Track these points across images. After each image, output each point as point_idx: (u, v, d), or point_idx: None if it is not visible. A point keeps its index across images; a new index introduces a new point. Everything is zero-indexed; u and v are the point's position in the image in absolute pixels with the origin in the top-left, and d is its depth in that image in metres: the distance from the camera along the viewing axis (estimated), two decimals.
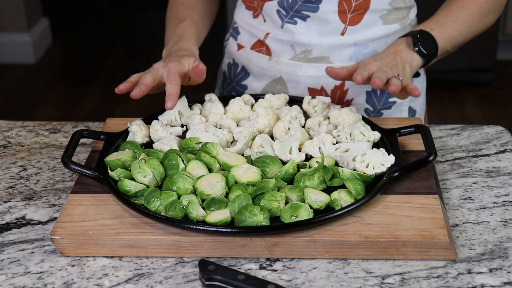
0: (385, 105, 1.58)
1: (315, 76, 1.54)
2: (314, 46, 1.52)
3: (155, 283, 1.06)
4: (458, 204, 1.22)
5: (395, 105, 1.58)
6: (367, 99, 1.56)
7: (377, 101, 1.57)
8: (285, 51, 1.55)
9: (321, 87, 1.55)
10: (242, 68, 1.63)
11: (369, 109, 1.58)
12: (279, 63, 1.56)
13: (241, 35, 1.62)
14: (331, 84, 1.54)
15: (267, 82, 1.59)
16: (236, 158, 1.25)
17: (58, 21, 4.74)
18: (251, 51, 1.60)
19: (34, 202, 1.26)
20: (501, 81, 3.97)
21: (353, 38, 1.51)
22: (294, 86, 1.56)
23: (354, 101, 1.56)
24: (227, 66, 1.67)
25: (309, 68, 1.54)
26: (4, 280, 1.08)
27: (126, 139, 1.35)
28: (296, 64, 1.55)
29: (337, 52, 1.52)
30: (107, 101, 3.91)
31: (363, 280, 1.05)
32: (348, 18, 1.48)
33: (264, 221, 1.10)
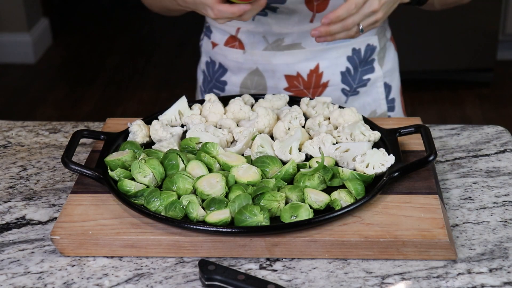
0: (360, 83, 1.61)
1: (290, 63, 1.58)
2: (285, 34, 1.56)
3: (155, 283, 1.06)
4: (458, 204, 1.22)
5: (370, 82, 1.62)
6: (342, 79, 1.60)
7: (352, 80, 1.60)
8: (258, 43, 1.58)
9: (297, 73, 1.58)
10: (220, 65, 1.65)
11: (346, 89, 1.61)
12: (254, 55, 1.59)
13: (214, 33, 1.65)
14: (307, 69, 1.58)
15: (244, 75, 1.62)
16: (236, 158, 1.25)
17: (58, 21, 4.74)
18: (225, 48, 1.62)
19: (34, 202, 1.26)
20: (501, 81, 3.97)
21: None
22: (270, 75, 1.59)
23: (330, 83, 1.59)
24: (205, 64, 1.70)
25: (283, 56, 1.57)
26: (4, 280, 1.08)
27: (126, 139, 1.35)
28: (270, 54, 1.58)
29: (308, 37, 1.56)
30: (107, 101, 3.91)
31: (363, 280, 1.06)
32: (314, 6, 1.51)
33: (264, 221, 1.10)
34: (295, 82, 1.59)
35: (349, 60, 1.59)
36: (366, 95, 1.63)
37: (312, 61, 1.58)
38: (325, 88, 1.60)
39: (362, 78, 1.61)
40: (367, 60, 1.61)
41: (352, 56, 1.59)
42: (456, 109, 3.74)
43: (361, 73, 1.61)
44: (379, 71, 1.63)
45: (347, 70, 1.60)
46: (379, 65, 1.63)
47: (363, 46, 1.60)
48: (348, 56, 1.59)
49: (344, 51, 1.58)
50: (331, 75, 1.59)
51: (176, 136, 1.33)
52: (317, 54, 1.57)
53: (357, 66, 1.60)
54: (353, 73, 1.60)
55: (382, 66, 1.64)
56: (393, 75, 1.68)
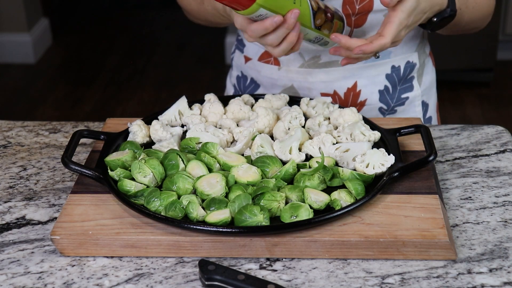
0: (398, 102, 1.58)
1: (327, 81, 1.54)
2: (322, 52, 1.52)
3: (155, 283, 1.06)
4: (458, 204, 1.22)
5: (408, 101, 1.59)
6: (380, 97, 1.56)
7: (390, 99, 1.57)
8: (294, 60, 1.55)
9: (333, 91, 1.55)
10: (251, 80, 1.63)
11: (383, 108, 1.57)
12: (289, 72, 1.56)
13: (247, 47, 1.62)
14: (344, 87, 1.54)
15: (278, 91, 1.58)
16: (236, 158, 1.25)
17: (58, 21, 4.74)
18: (259, 63, 1.59)
19: (34, 202, 1.26)
20: (501, 81, 3.97)
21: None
22: (306, 93, 1.56)
23: (367, 102, 1.56)
24: (236, 79, 1.67)
25: (320, 73, 1.54)
26: (4, 280, 1.08)
27: (126, 139, 1.35)
28: (306, 71, 1.54)
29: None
30: (107, 101, 3.91)
31: (363, 280, 1.06)
32: (352, 21, 1.48)
33: (264, 221, 1.10)
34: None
35: (388, 78, 1.55)
36: (403, 114, 1.59)
37: (350, 79, 1.54)
38: (362, 107, 1.56)
39: (401, 96, 1.58)
40: (406, 78, 1.57)
41: (391, 74, 1.55)
42: (456, 109, 3.74)
43: (399, 92, 1.57)
44: (417, 89, 1.59)
45: (385, 89, 1.56)
46: (418, 82, 1.59)
47: (402, 64, 1.56)
48: (387, 74, 1.55)
49: (383, 69, 1.54)
50: (369, 93, 1.55)
51: (176, 136, 1.33)
52: (355, 72, 1.53)
53: (396, 84, 1.56)
54: (392, 92, 1.56)
55: (420, 83, 1.60)
56: (431, 93, 1.64)
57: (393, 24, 1.29)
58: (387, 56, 1.54)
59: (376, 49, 1.29)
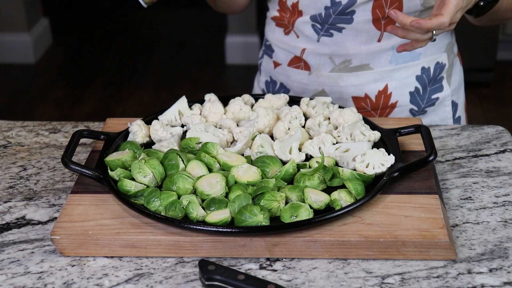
0: (428, 103, 1.58)
1: (357, 85, 1.55)
2: (353, 55, 1.52)
3: (155, 283, 1.06)
4: (458, 204, 1.22)
5: (438, 101, 1.59)
6: (411, 99, 1.57)
7: (421, 100, 1.57)
8: (324, 64, 1.55)
9: (365, 95, 1.55)
10: (281, 85, 1.63)
11: (414, 109, 1.58)
12: (320, 76, 1.56)
13: (276, 53, 1.62)
14: (375, 90, 1.55)
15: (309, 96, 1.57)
16: (236, 158, 1.25)
17: (58, 21, 4.74)
18: (289, 68, 1.60)
19: (34, 202, 1.26)
20: (501, 81, 3.97)
21: (390, 42, 1.51)
22: (337, 97, 1.56)
23: (398, 103, 1.56)
24: (265, 83, 1.67)
25: (351, 77, 1.54)
26: (4, 280, 1.08)
27: (126, 139, 1.35)
28: (337, 75, 1.55)
29: (376, 58, 1.53)
30: (107, 101, 3.91)
31: (363, 280, 1.06)
32: (382, 25, 1.49)
33: (264, 221, 1.10)
34: (362, 103, 1.56)
35: (418, 80, 1.56)
36: (434, 114, 1.60)
37: (381, 81, 1.54)
38: (393, 109, 1.57)
39: (431, 97, 1.58)
40: (436, 79, 1.58)
41: (421, 76, 1.56)
42: None
43: (430, 93, 1.57)
44: (447, 89, 1.60)
45: (416, 90, 1.56)
46: (447, 83, 1.60)
47: (432, 65, 1.56)
48: (417, 75, 1.55)
49: (414, 70, 1.55)
50: (400, 95, 1.56)
51: (176, 136, 1.33)
52: (386, 75, 1.54)
53: (426, 85, 1.57)
54: (422, 93, 1.57)
55: (450, 84, 1.60)
56: (460, 92, 1.65)
57: (451, 4, 1.23)
58: (417, 57, 1.54)
59: (434, 26, 1.22)
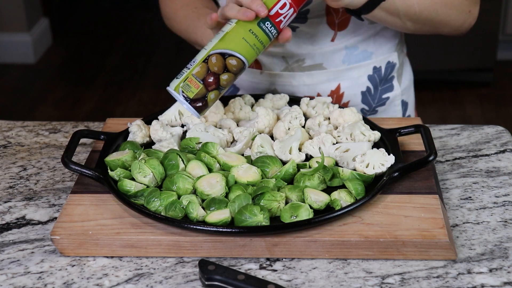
0: (379, 102, 1.59)
1: (310, 84, 1.54)
2: (306, 55, 1.52)
3: (155, 283, 1.06)
4: (458, 204, 1.22)
5: (389, 101, 1.60)
6: (363, 99, 1.57)
7: (372, 100, 1.58)
8: (276, 63, 1.54)
9: (317, 94, 1.55)
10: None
11: (365, 109, 1.59)
12: (272, 75, 1.55)
13: None
14: (327, 90, 1.55)
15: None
16: (236, 158, 1.25)
17: (58, 21, 4.74)
18: None
19: (34, 202, 1.26)
20: (501, 81, 3.97)
21: (343, 42, 1.52)
22: None
23: (350, 103, 1.57)
24: None
25: (303, 77, 1.54)
26: (4, 280, 1.08)
27: (126, 139, 1.35)
28: (290, 74, 1.54)
29: (329, 57, 1.53)
30: (107, 101, 3.91)
31: (363, 280, 1.06)
32: (336, 24, 1.49)
33: (264, 221, 1.10)
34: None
35: (370, 79, 1.56)
36: (384, 113, 1.61)
37: (334, 81, 1.54)
38: None
39: (382, 97, 1.59)
40: (387, 78, 1.58)
41: (373, 75, 1.56)
42: (456, 109, 3.74)
43: (380, 92, 1.58)
44: (397, 89, 1.61)
45: (367, 90, 1.57)
46: (398, 82, 1.61)
47: (383, 64, 1.57)
48: (369, 75, 1.56)
49: (366, 70, 1.55)
50: (352, 95, 1.56)
51: (176, 136, 1.33)
52: (339, 75, 1.54)
53: (378, 85, 1.58)
54: (373, 93, 1.58)
55: (400, 83, 1.61)
56: (410, 92, 1.66)
57: None
58: (369, 57, 1.55)
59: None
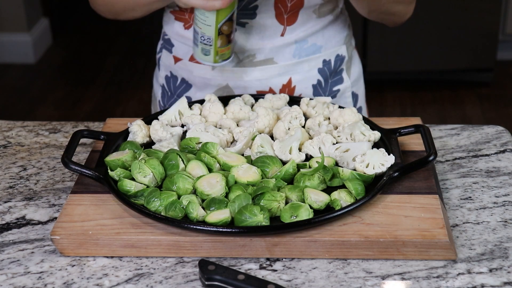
0: (330, 95, 1.60)
1: (262, 79, 1.54)
2: (257, 50, 1.52)
3: (155, 283, 1.06)
4: (458, 204, 1.22)
5: (339, 93, 1.62)
6: (314, 92, 1.58)
7: (323, 92, 1.59)
8: None
9: (269, 89, 1.56)
10: (182, 80, 1.59)
11: None
12: (224, 71, 1.54)
13: (176, 47, 1.59)
14: (279, 84, 1.55)
15: (212, 91, 1.56)
16: (236, 158, 1.25)
17: (58, 21, 4.74)
18: (190, 63, 1.56)
19: (34, 202, 1.26)
20: (501, 81, 3.97)
21: (293, 36, 1.53)
22: (242, 91, 1.55)
23: (302, 96, 1.57)
24: (165, 79, 1.63)
25: (255, 72, 1.54)
26: (4, 280, 1.08)
27: (126, 139, 1.35)
28: (241, 70, 1.53)
29: (280, 52, 1.53)
30: (107, 101, 3.91)
31: (363, 280, 1.06)
32: (285, 19, 1.50)
33: (264, 221, 1.10)
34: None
35: (320, 73, 1.57)
36: None
37: (285, 75, 1.55)
38: None
39: (332, 89, 1.60)
40: (336, 71, 1.60)
41: (323, 68, 1.57)
42: (456, 109, 3.74)
43: (331, 85, 1.60)
44: (347, 81, 1.62)
45: (318, 83, 1.58)
46: (347, 75, 1.62)
47: (333, 57, 1.58)
48: (319, 68, 1.57)
49: (316, 63, 1.56)
50: (304, 88, 1.57)
51: (176, 136, 1.33)
52: (289, 69, 1.54)
53: (328, 77, 1.59)
54: (324, 85, 1.59)
55: (349, 75, 1.63)
56: (359, 84, 1.68)
57: None
58: (318, 51, 1.56)
59: None
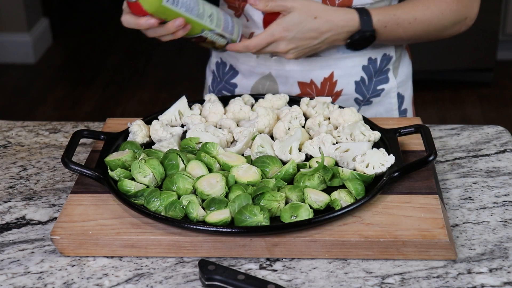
0: (374, 93, 1.59)
1: (304, 70, 1.55)
2: None
3: (155, 283, 1.06)
4: (458, 204, 1.22)
5: (384, 92, 1.60)
6: (356, 88, 1.57)
7: (366, 90, 1.58)
8: None
9: (310, 81, 1.56)
10: (230, 67, 1.63)
11: (359, 99, 1.59)
12: (267, 60, 1.56)
13: None
14: (320, 77, 1.56)
15: (256, 79, 1.59)
16: (236, 158, 1.25)
17: (58, 21, 4.74)
18: None
19: (34, 202, 1.26)
20: (501, 81, 3.97)
21: None
22: (283, 81, 1.57)
23: (343, 92, 1.57)
24: (215, 65, 1.67)
25: (297, 62, 1.55)
26: (4, 280, 1.08)
27: (126, 139, 1.35)
28: (284, 59, 1.55)
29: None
30: (107, 101, 3.91)
31: (363, 280, 1.06)
32: None
33: (264, 221, 1.10)
34: (308, 89, 1.56)
35: (364, 70, 1.56)
36: (379, 105, 1.61)
37: (327, 69, 1.55)
38: (338, 96, 1.57)
39: (376, 88, 1.59)
40: (382, 70, 1.58)
41: (367, 66, 1.56)
42: (456, 109, 3.74)
43: (375, 83, 1.58)
44: (393, 81, 1.60)
45: (361, 80, 1.57)
46: (393, 75, 1.60)
47: (379, 56, 1.57)
48: (363, 65, 1.56)
49: (360, 60, 1.55)
50: (345, 84, 1.56)
51: (176, 136, 1.33)
52: (332, 63, 1.54)
53: (372, 76, 1.58)
54: (367, 83, 1.58)
55: (396, 76, 1.61)
56: (406, 85, 1.66)
57: (263, 34, 1.41)
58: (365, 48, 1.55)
59: (239, 49, 1.43)
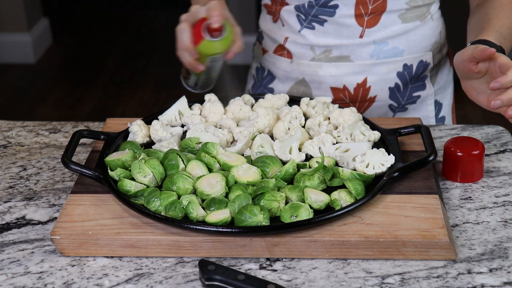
0: (409, 100, 1.58)
1: (336, 75, 1.55)
2: (333, 46, 1.53)
3: (155, 283, 1.06)
4: (458, 204, 1.22)
5: (420, 99, 1.59)
6: (391, 95, 1.56)
7: (401, 97, 1.57)
8: (305, 53, 1.56)
9: (343, 86, 1.55)
10: (268, 72, 1.64)
11: (393, 105, 1.58)
12: (301, 65, 1.57)
13: (265, 40, 1.64)
14: (354, 83, 1.55)
15: (291, 84, 1.60)
16: (236, 158, 1.25)
17: (58, 21, 4.74)
18: (274, 55, 1.61)
19: (34, 202, 1.26)
20: None
21: (372, 37, 1.52)
22: (317, 86, 1.57)
23: (377, 98, 1.56)
24: (255, 69, 1.69)
25: (330, 67, 1.55)
26: (4, 280, 1.08)
27: (126, 139, 1.35)
28: (317, 64, 1.55)
29: (357, 51, 1.53)
30: (107, 101, 3.91)
31: (363, 280, 1.06)
32: (365, 21, 1.49)
33: (264, 221, 1.10)
34: (341, 95, 1.56)
35: (399, 76, 1.55)
36: (415, 112, 1.59)
37: (360, 75, 1.54)
38: (372, 103, 1.57)
39: (412, 95, 1.57)
40: (418, 77, 1.57)
41: (403, 72, 1.55)
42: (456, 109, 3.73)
43: (411, 90, 1.57)
44: (430, 88, 1.59)
45: (396, 86, 1.56)
46: (431, 82, 1.59)
47: (415, 62, 1.55)
48: (398, 72, 1.55)
49: (395, 66, 1.54)
50: (379, 90, 1.56)
51: (176, 136, 1.33)
52: (366, 68, 1.54)
53: (408, 82, 1.56)
54: (403, 90, 1.56)
55: (434, 83, 1.60)
56: (446, 92, 1.64)
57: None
58: (400, 54, 1.54)
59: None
